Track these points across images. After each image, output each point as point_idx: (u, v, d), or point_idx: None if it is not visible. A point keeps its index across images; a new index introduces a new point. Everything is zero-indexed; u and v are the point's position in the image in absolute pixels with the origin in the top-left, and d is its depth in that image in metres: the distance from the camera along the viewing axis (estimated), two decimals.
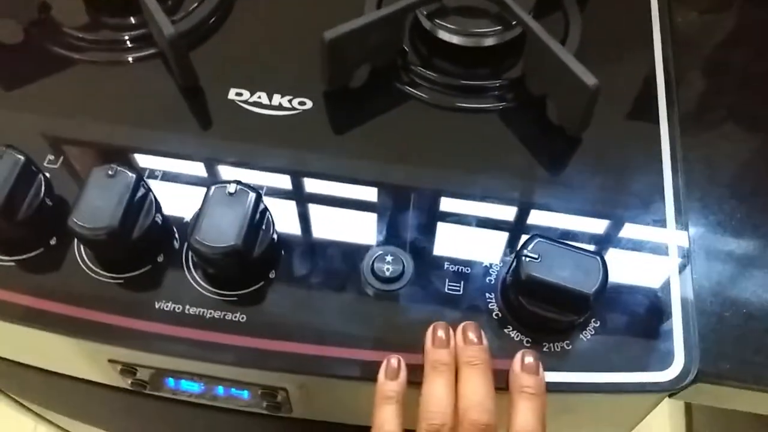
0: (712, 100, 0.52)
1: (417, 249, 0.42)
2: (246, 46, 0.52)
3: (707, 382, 0.40)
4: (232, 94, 0.48)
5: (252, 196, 0.39)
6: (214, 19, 0.53)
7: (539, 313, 0.38)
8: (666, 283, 0.41)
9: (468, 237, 0.43)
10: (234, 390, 0.44)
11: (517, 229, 0.43)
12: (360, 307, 0.40)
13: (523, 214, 0.44)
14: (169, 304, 0.40)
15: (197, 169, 0.46)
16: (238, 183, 0.39)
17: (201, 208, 0.39)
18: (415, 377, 0.37)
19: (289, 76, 0.49)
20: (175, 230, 0.43)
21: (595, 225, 0.44)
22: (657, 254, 0.43)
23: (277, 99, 0.48)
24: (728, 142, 0.49)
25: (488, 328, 0.39)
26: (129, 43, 0.51)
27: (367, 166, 0.46)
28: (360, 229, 0.43)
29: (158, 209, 0.42)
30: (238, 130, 0.47)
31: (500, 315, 0.40)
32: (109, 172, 0.40)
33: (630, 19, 0.54)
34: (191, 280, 0.41)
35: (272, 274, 0.41)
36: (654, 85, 0.49)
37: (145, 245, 0.41)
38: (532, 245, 0.37)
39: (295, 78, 0.49)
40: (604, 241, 0.43)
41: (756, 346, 0.41)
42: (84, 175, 0.43)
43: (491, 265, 0.41)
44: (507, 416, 0.36)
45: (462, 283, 0.41)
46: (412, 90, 0.49)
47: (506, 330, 0.39)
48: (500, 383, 0.37)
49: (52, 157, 0.45)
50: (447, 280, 0.41)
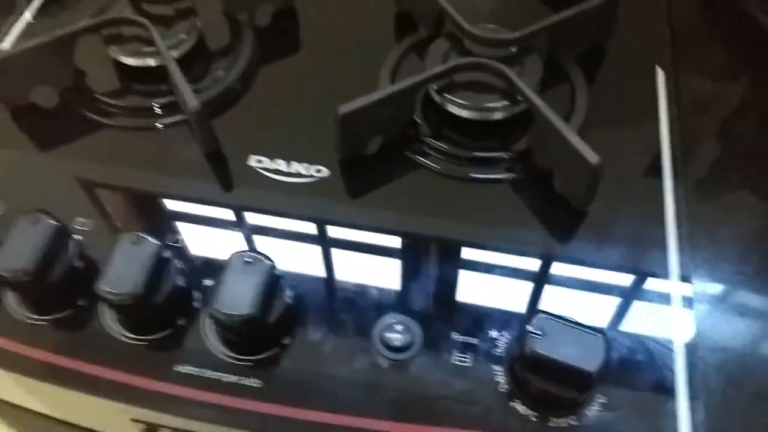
0: (721, 172, 0.52)
1: (426, 318, 0.43)
2: (266, 114, 0.54)
3: None
4: (252, 161, 0.51)
5: (267, 265, 0.41)
6: (237, 87, 0.55)
7: (543, 389, 0.39)
8: (671, 362, 0.42)
9: (476, 308, 0.44)
10: None
11: (524, 301, 0.44)
12: (371, 375, 0.41)
13: (530, 287, 0.45)
14: (188, 367, 0.42)
15: (217, 235, 0.48)
16: (255, 252, 0.42)
17: (220, 276, 0.41)
18: None
19: (306, 144, 0.51)
20: (194, 294, 0.45)
21: (600, 300, 0.45)
22: (662, 330, 0.43)
23: (294, 166, 0.50)
24: (736, 216, 0.50)
25: (495, 401, 0.40)
26: (158, 110, 0.54)
27: (380, 234, 0.47)
28: (372, 296, 0.45)
29: (180, 273, 0.44)
30: (257, 196, 0.49)
31: (508, 388, 0.41)
32: (134, 240, 0.42)
33: (637, 89, 0.55)
34: (209, 345, 0.43)
35: (287, 340, 0.43)
36: (659, 158, 0.50)
37: (167, 308, 0.43)
38: (535, 321, 0.39)
39: (313, 146, 0.51)
40: (610, 318, 0.44)
41: (764, 427, 0.41)
42: (112, 236, 0.46)
43: (499, 337, 0.42)
44: None
45: (470, 354, 0.42)
46: (423, 160, 0.51)
47: (513, 403, 0.40)
48: None
49: (82, 220, 0.48)
50: (455, 351, 0.42)
